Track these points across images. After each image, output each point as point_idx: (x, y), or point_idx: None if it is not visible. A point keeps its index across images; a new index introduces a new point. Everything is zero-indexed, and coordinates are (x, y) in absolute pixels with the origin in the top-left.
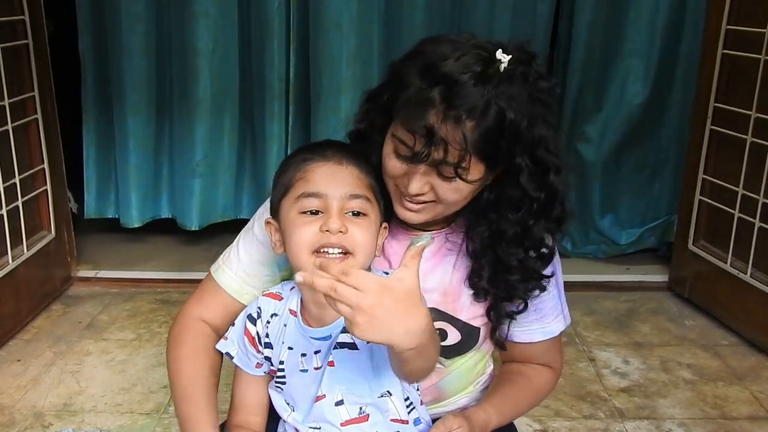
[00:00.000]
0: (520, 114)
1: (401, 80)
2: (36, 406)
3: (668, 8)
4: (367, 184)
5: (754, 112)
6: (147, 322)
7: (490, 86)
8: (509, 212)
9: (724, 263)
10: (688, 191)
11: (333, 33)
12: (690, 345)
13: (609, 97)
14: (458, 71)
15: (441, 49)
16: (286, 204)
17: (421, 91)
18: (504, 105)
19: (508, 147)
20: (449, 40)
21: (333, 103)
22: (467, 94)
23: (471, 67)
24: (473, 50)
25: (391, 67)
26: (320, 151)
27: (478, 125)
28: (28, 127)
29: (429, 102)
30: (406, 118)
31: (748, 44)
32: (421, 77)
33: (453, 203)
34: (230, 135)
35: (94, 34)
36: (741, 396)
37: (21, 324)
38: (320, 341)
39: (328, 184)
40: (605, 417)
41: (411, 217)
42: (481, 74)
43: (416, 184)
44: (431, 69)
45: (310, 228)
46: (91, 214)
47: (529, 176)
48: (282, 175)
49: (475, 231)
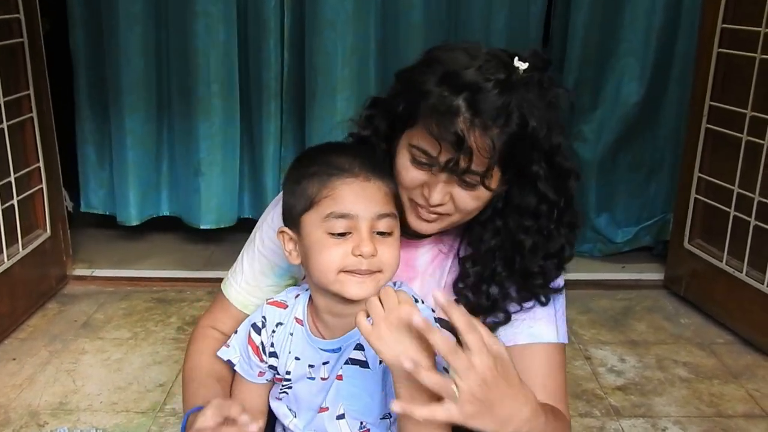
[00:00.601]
0: (540, 121)
1: (418, 88)
2: (31, 405)
3: (664, 7)
4: (393, 198)
5: (749, 111)
6: (143, 321)
7: (513, 93)
8: (526, 221)
9: (720, 261)
10: (683, 190)
11: (328, 31)
12: (686, 343)
13: (605, 96)
14: (482, 78)
15: (458, 56)
16: (310, 220)
17: (445, 98)
18: (526, 112)
19: (527, 154)
20: (462, 48)
21: (328, 102)
22: (492, 101)
23: (494, 75)
24: (491, 58)
25: (401, 76)
26: (347, 164)
27: (503, 132)
28: (23, 125)
29: (455, 109)
30: (431, 127)
31: (744, 43)
32: (442, 85)
33: (470, 212)
34: (230, 134)
35: (87, 32)
36: (736, 394)
37: (16, 323)
38: (329, 353)
39: (358, 204)
40: (601, 415)
41: (426, 228)
42: (504, 81)
43: (438, 194)
44: (453, 77)
45: (339, 249)
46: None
47: (547, 182)
48: (302, 183)
49: (477, 239)
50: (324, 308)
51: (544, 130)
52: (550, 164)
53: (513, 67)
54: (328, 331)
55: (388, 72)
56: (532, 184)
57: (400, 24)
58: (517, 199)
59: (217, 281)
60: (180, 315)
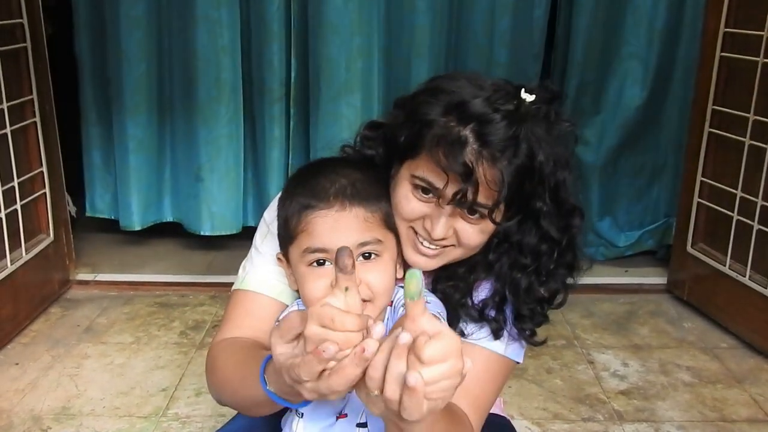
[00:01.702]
0: (547, 155)
1: (423, 118)
2: (34, 410)
3: (666, 11)
4: (380, 219)
5: (752, 115)
6: (146, 326)
7: (521, 125)
8: (524, 259)
9: (723, 266)
10: (686, 194)
11: (332, 36)
12: (689, 347)
13: (607, 100)
14: (490, 109)
15: (463, 86)
16: (293, 254)
17: (452, 128)
18: (534, 144)
19: (533, 188)
20: (465, 78)
21: (332, 106)
22: (501, 133)
23: (502, 106)
24: (498, 89)
25: (403, 104)
26: (322, 192)
27: (511, 164)
28: (26, 130)
29: (463, 140)
30: (438, 157)
31: (747, 47)
32: (448, 115)
33: (474, 247)
34: (233, 139)
35: (91, 37)
36: (740, 399)
37: (19, 327)
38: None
39: (333, 237)
40: (604, 420)
41: (425, 264)
42: (513, 113)
43: (442, 227)
44: (460, 107)
45: (321, 283)
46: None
47: (550, 219)
48: (284, 212)
49: (458, 271)
50: None
51: (551, 164)
52: (555, 200)
53: (520, 98)
54: None
55: (393, 76)
56: (534, 221)
57: (404, 28)
58: (516, 236)
59: (219, 285)
60: (183, 319)
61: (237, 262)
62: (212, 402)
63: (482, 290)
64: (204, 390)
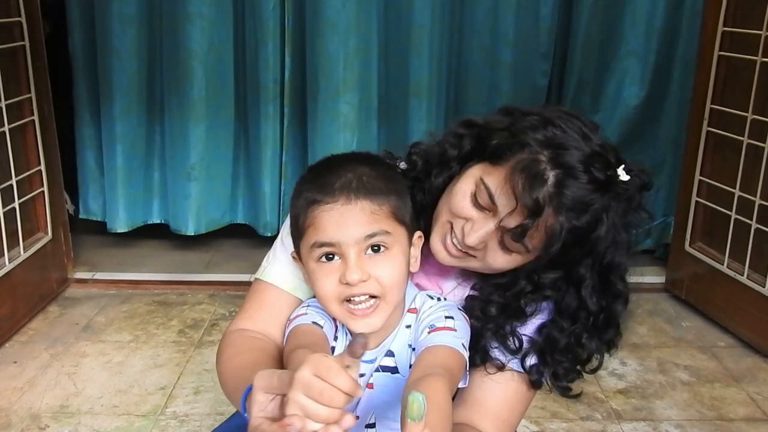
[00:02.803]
0: (609, 233)
1: (520, 136)
2: (32, 408)
3: (665, 10)
4: (388, 212)
5: (750, 114)
6: (144, 324)
7: (602, 196)
8: (564, 321)
9: (721, 265)
10: (684, 193)
11: (330, 34)
12: (687, 346)
13: (606, 99)
14: (582, 167)
15: (572, 132)
16: (303, 250)
17: (539, 162)
18: (602, 218)
19: (580, 255)
20: (579, 121)
21: (330, 105)
22: (579, 193)
23: (595, 171)
24: (601, 152)
25: (510, 112)
26: (327, 187)
27: (569, 222)
28: (24, 128)
29: (543, 178)
30: (517, 181)
31: (745, 46)
32: (543, 148)
33: (494, 269)
34: (224, 138)
35: (85, 36)
36: (738, 397)
37: (17, 326)
38: (366, 363)
39: (339, 231)
40: (602, 418)
41: (444, 258)
42: (600, 183)
43: (477, 239)
44: (558, 149)
45: (330, 279)
46: (86, 216)
47: (592, 292)
48: (294, 209)
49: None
50: (350, 328)
51: (609, 242)
52: (603, 280)
53: (615, 173)
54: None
55: (392, 75)
56: (576, 287)
57: (403, 27)
58: (563, 298)
59: (217, 284)
60: (181, 318)
61: (235, 262)
62: (210, 400)
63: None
64: (202, 388)
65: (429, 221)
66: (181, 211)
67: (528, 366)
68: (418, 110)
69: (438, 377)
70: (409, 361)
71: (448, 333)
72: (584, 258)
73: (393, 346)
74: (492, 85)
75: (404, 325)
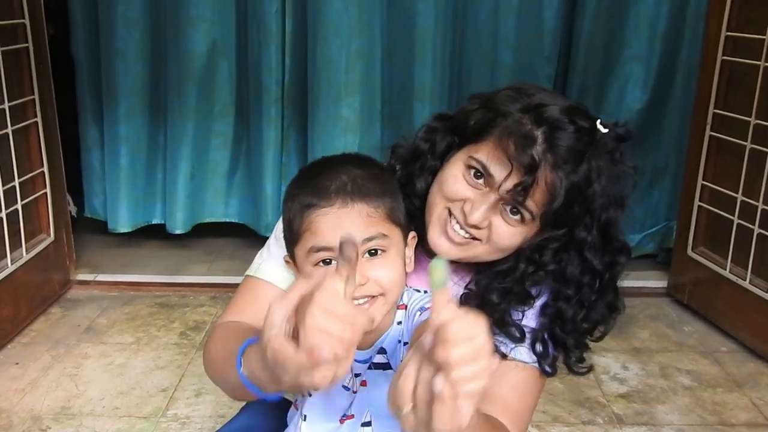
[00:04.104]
0: (603, 187)
1: (499, 108)
2: (34, 410)
3: (668, 14)
4: (383, 215)
5: (753, 119)
6: (146, 326)
7: (590, 144)
8: (568, 289)
9: (723, 269)
10: (687, 197)
11: (332, 37)
12: (689, 351)
13: (608, 103)
14: (566, 119)
15: (545, 94)
16: (299, 254)
17: (525, 125)
18: (593, 172)
19: (580, 214)
20: (551, 92)
21: (332, 108)
22: (570, 142)
23: (579, 120)
24: (577, 105)
25: (479, 96)
26: (323, 190)
27: (568, 177)
28: (27, 130)
29: (532, 137)
30: (507, 146)
31: (748, 51)
32: (524, 113)
33: (502, 248)
34: (225, 139)
35: (89, 38)
36: (739, 402)
37: (19, 327)
38: (361, 363)
39: (336, 234)
40: (604, 423)
41: (448, 250)
42: (586, 130)
43: (480, 214)
44: (538, 108)
45: None
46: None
47: (596, 252)
48: (287, 213)
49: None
50: None
51: (604, 198)
52: (603, 235)
53: (595, 125)
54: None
55: (395, 78)
56: (577, 251)
57: (406, 30)
58: (550, 266)
59: (219, 287)
60: (183, 320)
61: (237, 264)
62: (212, 403)
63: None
64: (204, 391)
65: (420, 225)
66: (178, 211)
67: (539, 352)
68: (421, 113)
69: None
70: (400, 356)
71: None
72: (583, 217)
73: (385, 343)
74: (494, 88)
75: (396, 322)
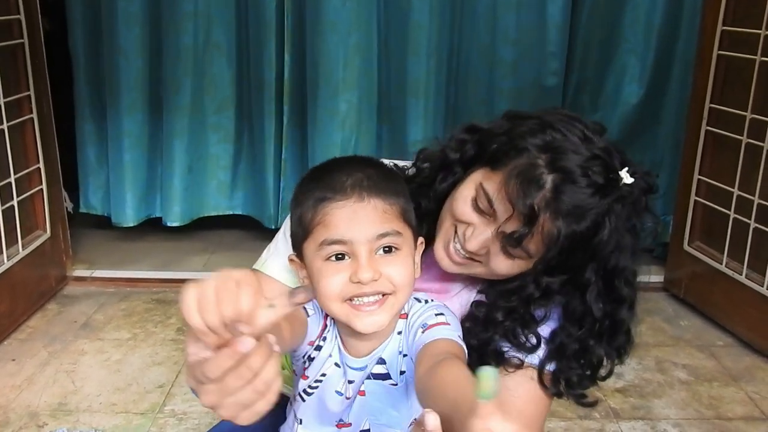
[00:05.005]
0: (612, 237)
1: (517, 141)
2: (31, 406)
3: (664, 8)
4: (397, 213)
5: (749, 113)
6: (142, 322)
7: (602, 200)
8: (571, 326)
9: (720, 264)
10: (683, 192)
11: (330, 33)
12: (685, 345)
13: (605, 97)
14: (580, 171)
15: (572, 136)
16: (308, 249)
17: (536, 167)
18: (603, 222)
19: (583, 260)
20: (581, 124)
21: (330, 103)
22: (577, 198)
23: (594, 175)
24: (602, 156)
25: (512, 117)
26: (338, 185)
27: (569, 228)
28: (23, 126)
29: (539, 183)
30: (511, 187)
31: (744, 45)
32: (541, 152)
33: (498, 275)
34: (226, 134)
35: (86, 33)
36: (736, 396)
37: (16, 323)
38: (356, 371)
39: (351, 228)
40: (600, 417)
41: (448, 266)
42: (600, 187)
43: (477, 244)
44: (555, 152)
45: (338, 277)
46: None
47: (597, 297)
48: (299, 209)
49: (498, 303)
50: (345, 332)
51: (612, 246)
52: (607, 283)
53: (617, 176)
54: (354, 349)
55: (392, 73)
56: (580, 291)
57: (403, 26)
58: (557, 297)
59: None
60: (179, 316)
61: (234, 259)
62: None
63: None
64: None
65: (433, 227)
66: (178, 204)
67: (547, 373)
68: (416, 108)
69: (453, 359)
70: (400, 367)
71: (443, 327)
72: (588, 262)
73: (384, 354)
74: (492, 84)
75: (396, 332)
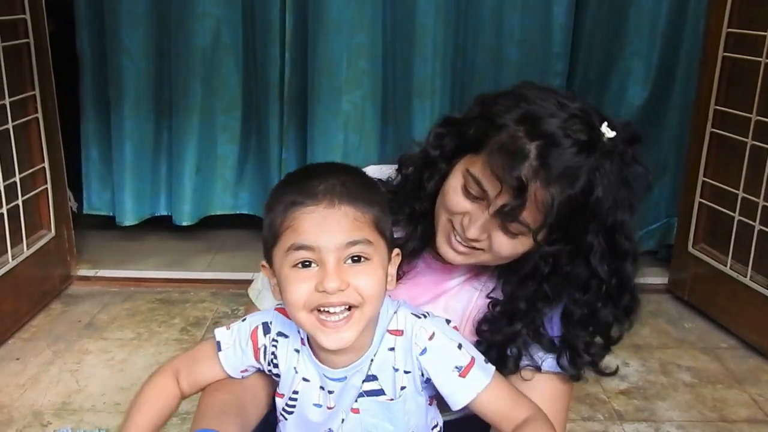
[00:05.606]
0: (608, 192)
1: (494, 119)
2: (35, 405)
3: (669, 10)
4: (370, 222)
5: (754, 115)
6: (146, 322)
7: (589, 157)
8: (575, 292)
9: (724, 266)
10: (688, 193)
11: (333, 32)
12: (689, 347)
13: (609, 99)
14: (562, 133)
15: (547, 102)
16: (277, 255)
17: (518, 139)
18: (595, 179)
19: (584, 222)
20: (554, 93)
21: (333, 104)
22: (564, 159)
23: (575, 133)
24: (580, 115)
25: (481, 101)
26: (310, 190)
27: (563, 192)
28: (28, 126)
29: (523, 153)
30: (495, 164)
31: (749, 47)
32: (519, 124)
33: (503, 258)
34: (231, 134)
35: (93, 34)
36: (740, 399)
37: (20, 323)
38: (335, 381)
39: (320, 234)
40: (604, 419)
41: (454, 258)
42: (584, 144)
43: (476, 230)
44: (533, 120)
45: (305, 285)
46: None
47: (601, 258)
48: (270, 214)
49: (517, 293)
50: (317, 345)
51: (609, 202)
52: (609, 241)
53: (599, 131)
54: (329, 360)
55: (396, 74)
56: (584, 256)
57: (407, 26)
58: (566, 268)
59: (220, 282)
60: (183, 316)
61: (237, 259)
62: None
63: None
64: None
65: (431, 227)
66: (184, 204)
67: (563, 364)
68: (422, 109)
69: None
70: (399, 383)
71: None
72: (589, 224)
73: (374, 371)
74: (497, 84)
75: (386, 348)
